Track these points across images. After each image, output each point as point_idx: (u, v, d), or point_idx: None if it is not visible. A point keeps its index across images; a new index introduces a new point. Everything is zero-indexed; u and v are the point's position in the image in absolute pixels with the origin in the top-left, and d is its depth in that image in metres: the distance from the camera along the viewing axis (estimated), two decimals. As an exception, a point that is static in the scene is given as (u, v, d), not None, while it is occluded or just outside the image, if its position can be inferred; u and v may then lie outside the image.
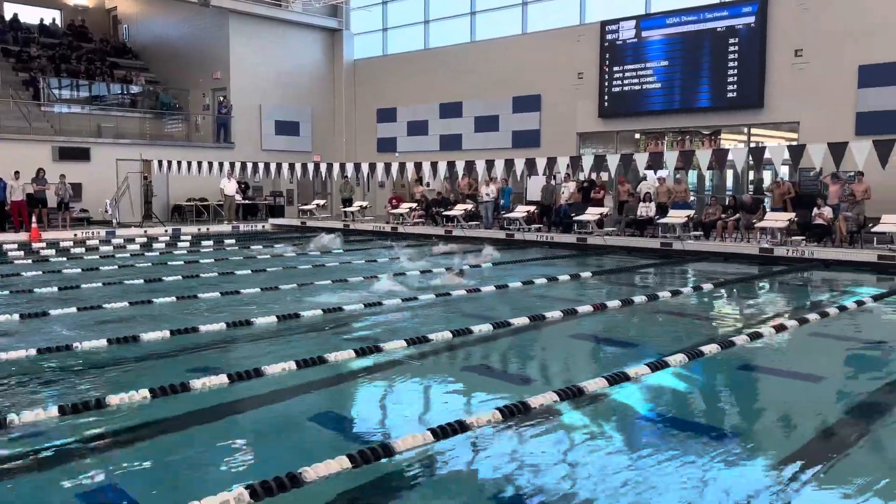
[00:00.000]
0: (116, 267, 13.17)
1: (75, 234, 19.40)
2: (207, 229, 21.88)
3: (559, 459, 4.47)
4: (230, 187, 23.20)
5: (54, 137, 22.72)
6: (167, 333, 7.19)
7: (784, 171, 17.66)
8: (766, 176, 18.81)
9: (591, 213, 18.04)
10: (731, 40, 18.87)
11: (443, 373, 6.67)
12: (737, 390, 6.34)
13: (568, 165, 17.78)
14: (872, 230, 14.52)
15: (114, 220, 21.21)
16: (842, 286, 12.39)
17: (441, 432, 4.49)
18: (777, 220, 15.47)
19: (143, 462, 4.41)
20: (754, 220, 15.94)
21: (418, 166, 20.05)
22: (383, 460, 4.15)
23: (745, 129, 19.49)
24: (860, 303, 9.96)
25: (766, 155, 14.97)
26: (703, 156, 15.70)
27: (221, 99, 25.98)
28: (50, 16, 31.55)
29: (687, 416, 5.36)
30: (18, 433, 4.66)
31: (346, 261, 14.39)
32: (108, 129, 24.18)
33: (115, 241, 18.64)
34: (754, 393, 6.40)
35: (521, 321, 8.12)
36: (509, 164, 18.18)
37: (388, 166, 20.48)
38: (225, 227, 22.36)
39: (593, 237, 17.44)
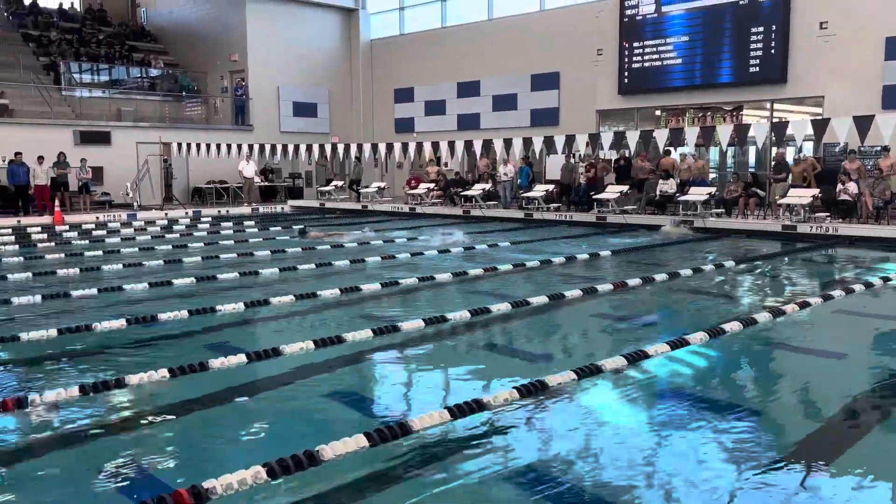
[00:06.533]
0: (137, 249, 13.27)
1: (97, 217, 19.56)
2: (227, 211, 21.97)
3: (577, 438, 4.44)
4: (249, 169, 23.25)
5: (75, 121, 22.85)
6: (185, 313, 7.22)
7: (808, 147, 17.37)
8: (790, 152, 18.51)
9: (611, 192, 17.87)
10: (754, 13, 18.52)
11: (461, 352, 6.64)
12: (758, 368, 6.25)
13: (587, 144, 17.59)
14: (899, 206, 14.29)
15: (134, 203, 21.36)
16: (867, 263, 12.19)
17: (458, 411, 4.47)
18: (801, 196, 15.23)
19: (162, 440, 4.44)
20: (777, 197, 15.73)
21: (436, 146, 19.94)
22: (401, 439, 4.14)
23: (769, 105, 19.16)
24: (886, 279, 9.79)
25: (789, 130, 14.71)
26: (724, 132, 15.46)
27: (240, 81, 25.99)
28: (69, 0, 31.64)
29: (707, 395, 5.29)
30: (40, 412, 4.71)
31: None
32: (128, 112, 24.29)
33: (135, 223, 18.77)
34: (776, 371, 6.30)
35: (540, 300, 8.07)
36: (527, 142, 18.03)
37: (405, 146, 20.39)
38: (245, 209, 22.44)
39: (613, 216, 17.29)
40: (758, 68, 18.58)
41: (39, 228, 16.81)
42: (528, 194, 19.30)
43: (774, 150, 17.61)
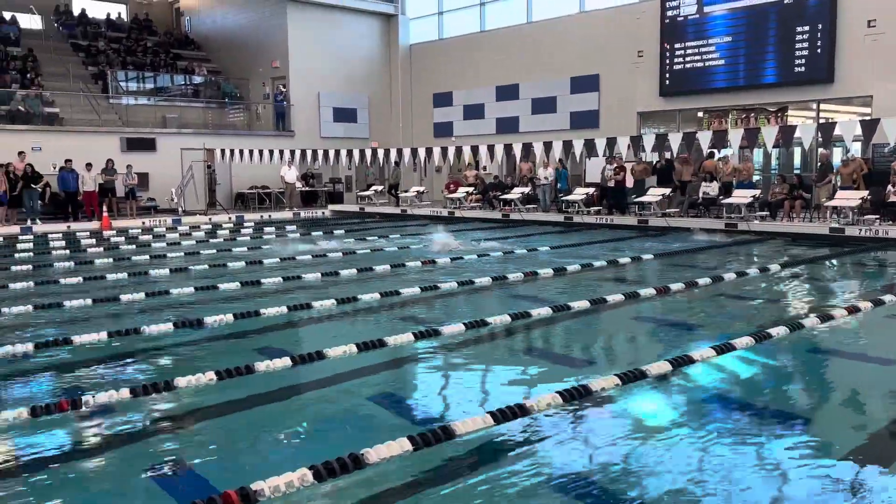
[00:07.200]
0: (182, 254, 13.52)
1: (143, 222, 19.99)
2: (269, 216, 22.25)
3: (621, 444, 4.40)
4: (290, 175, 23.54)
5: (122, 129, 23.39)
6: (231, 317, 7.34)
7: (856, 148, 16.98)
8: (837, 153, 18.11)
9: (653, 195, 17.69)
10: (800, 12, 18.18)
11: (503, 356, 6.64)
12: (806, 374, 6.13)
13: (629, 147, 17.43)
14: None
15: (179, 208, 21.77)
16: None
17: (501, 416, 4.47)
18: (848, 198, 14.89)
19: (210, 442, 4.52)
20: (823, 200, 15.40)
21: (475, 150, 19.96)
22: (444, 443, 4.15)
23: (815, 105, 18.79)
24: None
25: (837, 131, 14.39)
26: (769, 133, 15.20)
27: (281, 88, 26.35)
28: (116, 10, 32.43)
29: (753, 401, 5.20)
30: (93, 413, 4.83)
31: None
32: (173, 119, 24.77)
33: (180, 228, 19.12)
34: (825, 377, 6.18)
35: (581, 304, 8.02)
36: (567, 145, 17.94)
37: (444, 151, 20.45)
38: (286, 214, 22.72)
39: (655, 219, 17.10)
40: (803, 68, 18.24)
41: (88, 233, 17.26)
42: (568, 197, 19.19)
43: (820, 150, 17.27)
